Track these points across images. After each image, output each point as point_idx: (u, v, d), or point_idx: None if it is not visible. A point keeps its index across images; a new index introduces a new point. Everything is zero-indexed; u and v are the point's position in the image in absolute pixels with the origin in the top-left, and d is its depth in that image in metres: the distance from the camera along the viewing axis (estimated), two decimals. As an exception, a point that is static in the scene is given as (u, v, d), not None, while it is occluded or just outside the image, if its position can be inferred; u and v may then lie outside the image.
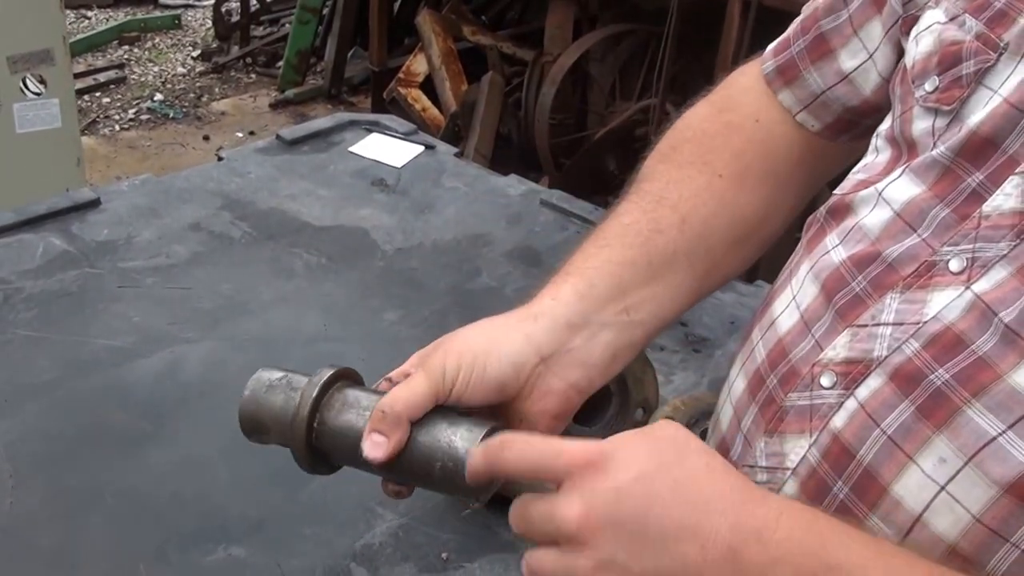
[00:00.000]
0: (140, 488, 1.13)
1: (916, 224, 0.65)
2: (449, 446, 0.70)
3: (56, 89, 2.68)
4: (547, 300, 0.76)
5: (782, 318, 0.72)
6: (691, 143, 0.87)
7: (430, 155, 1.83)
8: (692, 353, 1.35)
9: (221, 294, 1.44)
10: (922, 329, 0.61)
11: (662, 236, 0.79)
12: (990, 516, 0.56)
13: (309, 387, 0.75)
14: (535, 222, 1.66)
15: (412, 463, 0.71)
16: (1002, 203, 0.61)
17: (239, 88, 5.09)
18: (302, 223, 1.62)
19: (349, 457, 0.75)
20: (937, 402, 0.59)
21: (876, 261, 0.66)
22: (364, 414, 0.73)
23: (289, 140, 1.83)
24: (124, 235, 1.54)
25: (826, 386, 0.65)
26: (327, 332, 1.39)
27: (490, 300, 1.46)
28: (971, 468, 0.57)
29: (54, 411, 1.22)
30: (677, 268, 0.79)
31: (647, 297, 0.77)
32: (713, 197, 0.82)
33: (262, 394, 0.78)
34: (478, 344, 0.74)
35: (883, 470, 0.60)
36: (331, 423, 0.75)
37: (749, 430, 0.70)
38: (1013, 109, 0.63)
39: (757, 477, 0.68)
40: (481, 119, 3.73)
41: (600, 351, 0.76)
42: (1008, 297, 0.58)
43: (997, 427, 0.56)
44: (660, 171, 0.85)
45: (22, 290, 1.41)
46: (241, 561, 1.04)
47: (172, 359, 1.31)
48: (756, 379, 0.72)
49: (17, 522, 1.07)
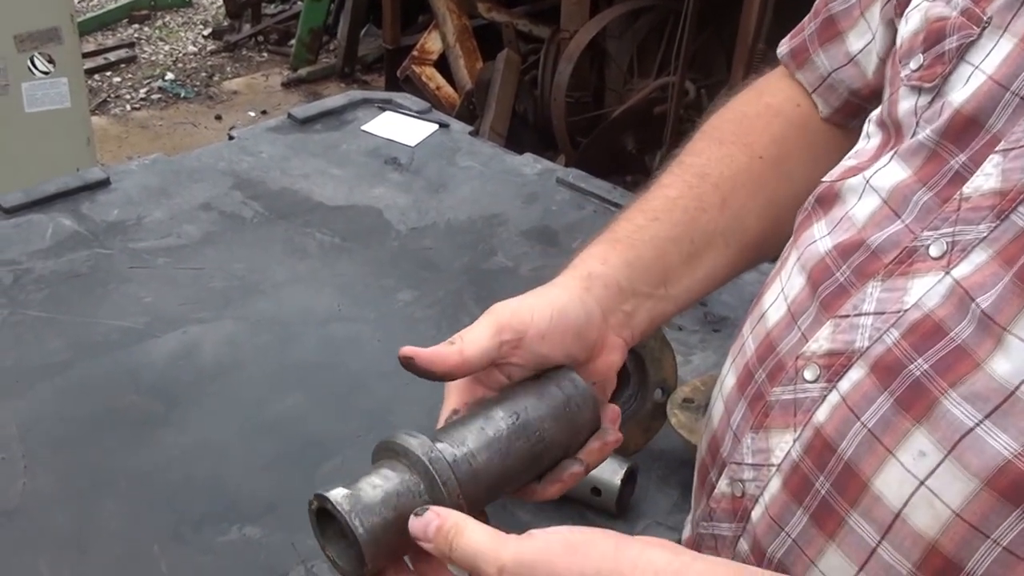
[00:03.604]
0: (153, 469, 1.12)
1: (900, 210, 0.63)
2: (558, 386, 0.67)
3: (65, 68, 2.67)
4: (597, 263, 0.75)
5: (771, 310, 0.70)
6: (732, 123, 0.87)
7: (444, 134, 1.81)
8: (711, 333, 1.33)
9: (233, 274, 1.43)
10: (902, 318, 0.59)
11: (705, 215, 0.79)
12: (970, 511, 0.54)
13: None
14: (551, 201, 1.64)
15: (548, 399, 0.66)
16: (982, 183, 0.58)
17: (251, 67, 5.07)
18: (315, 202, 1.60)
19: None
20: (915, 393, 0.57)
21: (860, 249, 0.64)
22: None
23: (301, 119, 1.82)
24: (134, 215, 1.53)
25: (809, 379, 0.63)
26: (341, 312, 1.37)
27: (505, 280, 1.45)
28: (950, 461, 0.55)
29: (66, 392, 1.21)
30: (715, 248, 0.79)
31: (685, 274, 0.78)
32: (752, 179, 0.82)
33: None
34: (544, 298, 0.71)
35: (863, 465, 0.58)
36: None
37: (738, 426, 0.69)
38: (996, 86, 0.60)
39: (744, 475, 0.67)
40: (496, 97, 3.70)
41: (641, 318, 0.75)
42: (987, 282, 0.56)
43: (974, 417, 0.54)
44: (702, 148, 0.85)
45: (32, 271, 1.40)
46: (255, 541, 1.04)
47: (184, 340, 1.30)
48: (745, 373, 0.70)
49: (31, 503, 1.06)
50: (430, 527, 0.57)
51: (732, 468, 0.68)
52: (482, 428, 0.64)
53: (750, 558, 0.66)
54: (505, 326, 0.67)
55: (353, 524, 0.58)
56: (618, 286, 0.74)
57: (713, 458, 0.72)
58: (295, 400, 1.22)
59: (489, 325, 0.67)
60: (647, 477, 1.12)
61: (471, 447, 0.63)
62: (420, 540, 0.57)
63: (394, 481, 0.60)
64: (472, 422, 0.65)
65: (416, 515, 0.58)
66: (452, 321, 1.36)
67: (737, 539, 0.68)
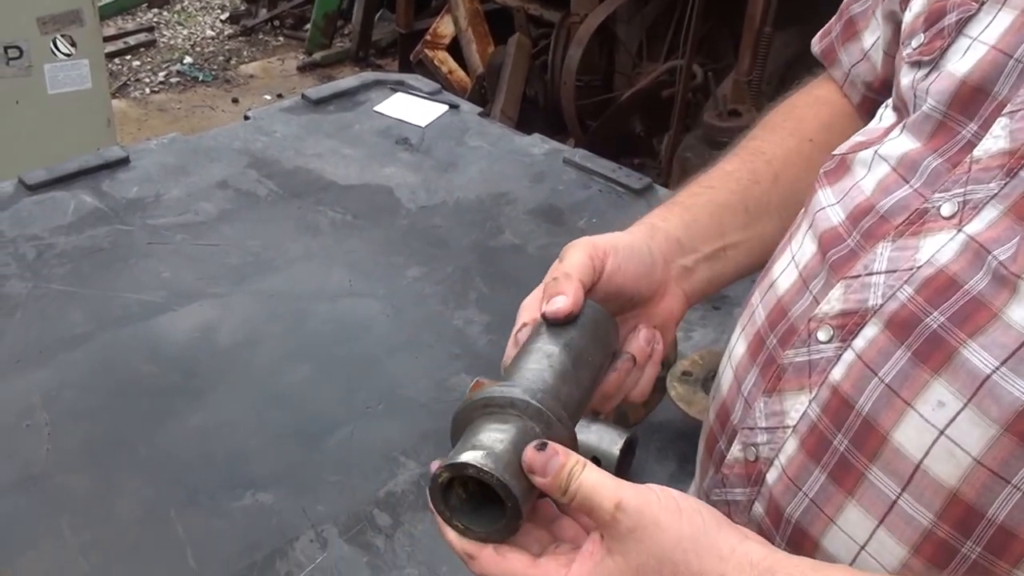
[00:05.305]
0: (170, 436, 1.16)
1: (909, 176, 0.65)
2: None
3: (86, 50, 2.71)
4: (658, 220, 0.80)
5: (781, 279, 0.73)
6: (782, 113, 0.92)
7: (454, 114, 1.84)
8: (712, 311, 1.36)
9: (248, 250, 1.46)
10: (916, 274, 0.61)
11: (758, 187, 0.84)
12: (990, 457, 0.56)
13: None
14: (558, 180, 1.66)
15: (586, 327, 0.68)
16: (991, 145, 0.60)
17: (267, 51, 5.10)
18: (327, 181, 1.64)
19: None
20: (934, 345, 0.58)
21: (870, 214, 0.66)
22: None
23: (315, 100, 1.85)
24: (153, 193, 1.57)
25: (823, 340, 0.65)
26: (352, 288, 1.41)
27: (513, 257, 1.48)
28: (970, 409, 0.56)
29: (88, 363, 1.25)
30: (769, 218, 0.83)
31: (742, 240, 0.82)
32: (802, 158, 0.86)
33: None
34: (616, 236, 0.75)
35: (882, 419, 0.60)
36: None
37: (750, 392, 0.70)
38: (1000, 54, 0.62)
39: (757, 439, 0.68)
40: (507, 81, 3.71)
41: (700, 274, 0.80)
42: (1002, 236, 0.58)
43: (991, 364, 0.56)
44: (757, 133, 0.90)
45: (55, 246, 1.44)
46: (268, 507, 1.07)
47: (201, 313, 1.34)
48: (756, 341, 0.72)
49: (53, 468, 1.11)
50: (552, 462, 0.58)
51: (745, 433, 0.69)
52: (551, 365, 0.65)
53: (765, 520, 0.68)
54: (592, 249, 0.71)
55: (506, 481, 0.57)
56: (678, 241, 0.78)
57: (723, 426, 0.74)
58: (306, 372, 1.26)
59: (581, 249, 0.71)
60: (645, 448, 1.15)
61: (551, 383, 0.63)
62: (536, 475, 0.58)
63: (513, 432, 0.59)
64: (536, 360, 0.65)
65: (537, 449, 0.58)
66: (459, 297, 1.40)
67: (752, 503, 0.69)
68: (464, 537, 0.60)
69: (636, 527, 0.56)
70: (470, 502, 0.60)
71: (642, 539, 0.56)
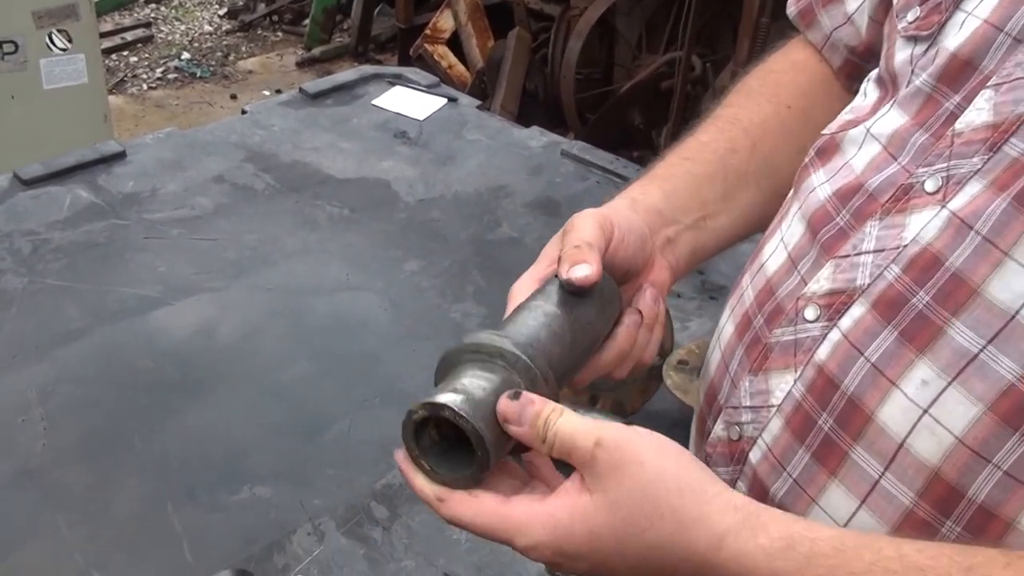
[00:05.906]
0: (167, 431, 1.16)
1: (898, 153, 0.65)
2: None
3: (82, 45, 2.69)
4: (637, 193, 0.79)
5: (770, 260, 0.72)
6: (758, 78, 0.91)
7: (452, 108, 1.84)
8: (708, 300, 1.36)
9: (245, 245, 1.46)
10: (902, 253, 0.60)
11: (735, 156, 0.83)
12: (972, 436, 0.56)
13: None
14: (556, 173, 1.66)
15: (593, 295, 0.67)
16: (974, 118, 0.60)
17: (266, 46, 5.09)
18: (325, 175, 1.63)
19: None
20: (919, 325, 0.58)
21: (859, 193, 0.66)
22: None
23: (312, 93, 1.84)
24: (149, 187, 1.57)
25: (810, 319, 0.65)
26: (349, 281, 1.41)
27: (511, 250, 1.48)
28: (954, 388, 0.56)
29: (83, 357, 1.25)
30: (748, 187, 0.82)
31: (722, 210, 0.81)
32: (780, 125, 0.85)
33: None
34: (608, 207, 0.75)
35: (867, 398, 0.60)
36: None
37: (736, 372, 0.70)
38: (991, 28, 0.62)
39: (741, 418, 0.68)
40: (507, 75, 3.71)
41: (682, 245, 0.79)
42: (982, 209, 0.57)
43: (978, 343, 0.56)
44: (732, 100, 0.89)
45: (50, 241, 1.44)
46: (265, 500, 1.07)
47: (198, 308, 1.34)
48: (744, 321, 0.72)
49: (50, 463, 1.10)
50: (527, 411, 0.57)
51: (728, 412, 0.69)
52: (548, 325, 0.64)
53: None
54: (601, 219, 0.70)
55: (480, 429, 0.56)
56: (659, 212, 0.77)
57: (710, 406, 0.74)
58: (304, 365, 1.26)
59: (592, 219, 0.70)
60: (645, 439, 1.15)
61: (544, 342, 0.63)
62: (511, 424, 0.57)
63: (496, 382, 0.59)
64: (535, 318, 0.65)
65: (511, 399, 0.57)
66: (457, 291, 1.39)
67: (735, 482, 0.69)
68: (430, 480, 0.59)
69: (618, 464, 0.55)
70: (440, 444, 0.59)
71: (622, 476, 0.55)
